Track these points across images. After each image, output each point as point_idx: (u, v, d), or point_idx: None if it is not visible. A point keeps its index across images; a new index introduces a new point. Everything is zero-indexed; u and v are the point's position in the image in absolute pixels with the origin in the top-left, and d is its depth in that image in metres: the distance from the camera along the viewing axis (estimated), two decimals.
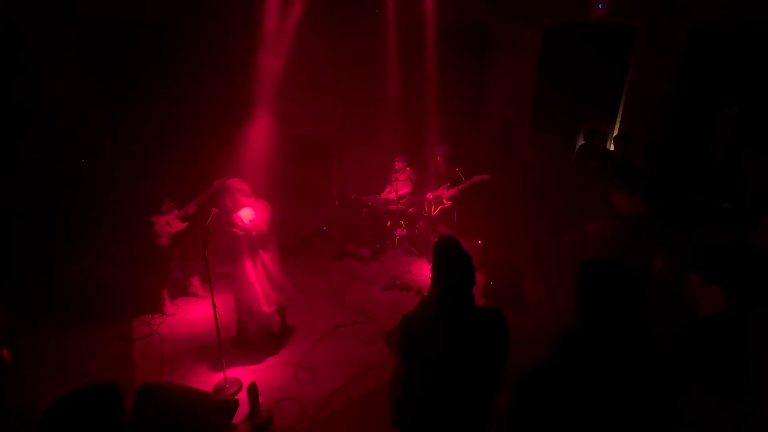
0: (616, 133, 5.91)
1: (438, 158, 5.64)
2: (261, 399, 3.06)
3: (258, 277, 3.46)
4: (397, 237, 5.89)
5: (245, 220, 3.27)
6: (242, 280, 3.42)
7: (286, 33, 5.79)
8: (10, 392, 2.93)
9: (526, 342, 2.27)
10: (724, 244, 2.04)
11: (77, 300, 4.37)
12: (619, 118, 6.10)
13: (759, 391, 1.51)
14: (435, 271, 1.74)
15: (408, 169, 5.97)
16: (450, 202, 5.47)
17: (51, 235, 4.62)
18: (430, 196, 5.70)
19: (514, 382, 1.38)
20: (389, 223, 6.08)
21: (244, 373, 3.44)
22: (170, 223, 4.22)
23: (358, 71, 6.41)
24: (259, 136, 5.84)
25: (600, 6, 5.48)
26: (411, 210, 6.02)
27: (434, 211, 5.63)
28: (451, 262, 1.70)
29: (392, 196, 5.76)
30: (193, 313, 4.39)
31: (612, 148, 5.77)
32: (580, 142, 6.00)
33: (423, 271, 5.34)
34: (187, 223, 4.29)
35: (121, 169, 5.07)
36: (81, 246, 4.59)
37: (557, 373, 1.32)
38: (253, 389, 2.98)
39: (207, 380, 3.37)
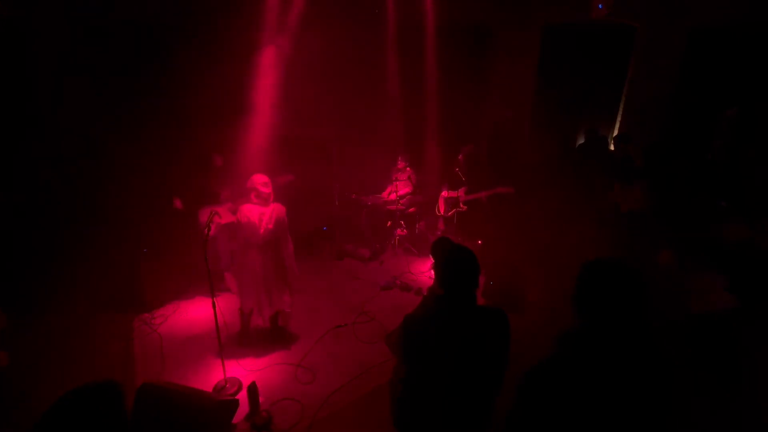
0: (616, 133, 5.91)
1: (459, 157, 5.60)
2: (261, 399, 3.06)
3: (257, 276, 3.50)
4: (397, 237, 5.89)
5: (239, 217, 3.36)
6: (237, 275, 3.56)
7: (286, 33, 5.79)
8: (9, 394, 2.93)
9: (526, 342, 2.27)
10: (728, 245, 2.04)
11: (77, 299, 4.37)
12: (619, 118, 6.09)
13: (759, 390, 1.51)
14: (439, 271, 1.74)
15: (408, 169, 5.97)
16: (466, 207, 5.45)
17: (51, 234, 4.62)
18: (445, 194, 5.68)
19: (516, 381, 1.38)
20: (389, 223, 6.08)
21: (244, 373, 3.44)
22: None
23: (359, 71, 6.41)
24: (259, 135, 5.84)
25: (600, 6, 5.48)
26: (411, 210, 6.02)
27: (449, 212, 5.61)
28: (456, 261, 1.70)
29: (392, 196, 5.76)
30: (193, 313, 4.39)
31: (612, 148, 5.78)
32: (580, 142, 6.00)
33: (423, 271, 5.34)
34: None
35: (123, 167, 5.08)
36: (82, 245, 4.59)
37: (559, 372, 1.33)
38: (253, 389, 2.98)
39: (207, 380, 3.37)
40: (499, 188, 5.12)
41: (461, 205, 5.48)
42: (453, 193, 5.59)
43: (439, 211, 5.84)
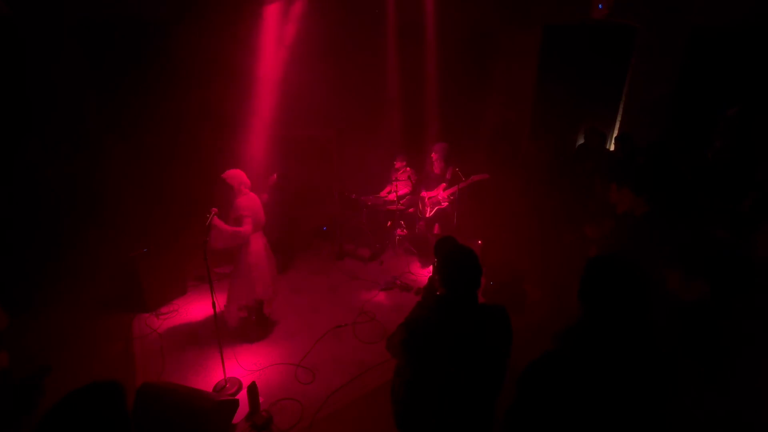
0: (616, 133, 5.91)
1: (432, 155, 5.56)
2: (261, 399, 3.07)
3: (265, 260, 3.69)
4: (397, 237, 5.89)
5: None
6: (251, 262, 3.59)
7: (287, 33, 5.79)
8: (8, 394, 2.93)
9: (526, 342, 2.27)
10: (709, 240, 2.05)
11: (77, 299, 4.38)
12: (619, 118, 6.10)
13: (753, 384, 1.51)
14: (442, 271, 1.73)
15: (408, 169, 5.96)
16: (447, 203, 5.42)
17: (51, 234, 4.62)
18: (424, 195, 5.66)
19: (517, 377, 1.38)
20: (389, 223, 6.08)
21: (244, 373, 3.44)
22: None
23: (359, 71, 6.42)
24: (259, 136, 5.84)
25: (600, 6, 5.47)
26: (411, 210, 6.02)
27: (430, 212, 5.57)
28: (458, 261, 1.70)
29: (392, 196, 5.75)
30: (193, 313, 4.39)
31: (612, 148, 5.77)
32: (580, 142, 6.00)
33: (423, 272, 5.34)
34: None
35: (123, 167, 5.08)
36: (82, 245, 4.59)
37: (560, 367, 1.33)
38: (253, 389, 2.98)
39: (207, 380, 3.37)
40: (474, 177, 5.09)
41: (442, 203, 5.45)
42: (432, 193, 5.56)
43: (419, 213, 5.79)
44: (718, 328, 1.57)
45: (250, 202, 3.50)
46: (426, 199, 5.60)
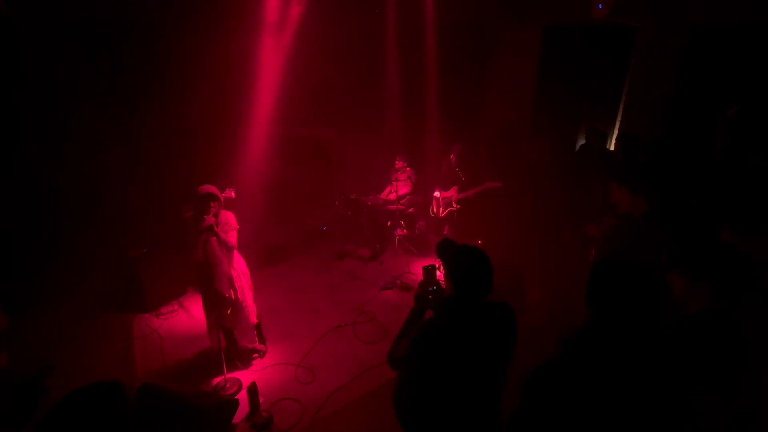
0: (616, 133, 5.91)
1: (451, 157, 5.65)
2: (261, 399, 3.07)
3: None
4: (397, 237, 5.89)
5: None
6: (241, 285, 3.40)
7: (286, 32, 5.79)
8: (8, 394, 2.93)
9: (526, 343, 2.27)
10: (710, 240, 2.04)
11: (77, 299, 4.37)
12: (619, 118, 6.09)
13: (758, 388, 1.51)
14: (455, 273, 1.68)
15: (408, 169, 5.96)
16: (459, 206, 5.48)
17: (52, 235, 4.61)
18: (438, 194, 5.70)
19: (517, 383, 1.38)
20: (389, 223, 6.08)
21: (244, 373, 3.44)
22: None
23: (358, 71, 6.41)
24: (259, 136, 5.83)
25: (600, 6, 5.47)
26: (411, 210, 6.02)
27: (443, 213, 5.63)
28: (473, 263, 1.66)
29: (392, 196, 5.76)
30: (193, 313, 4.39)
31: (612, 148, 5.77)
32: (581, 142, 5.99)
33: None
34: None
35: (122, 167, 5.07)
36: (82, 246, 4.58)
37: (567, 373, 1.31)
38: (253, 389, 2.99)
39: (207, 380, 3.37)
40: (488, 183, 5.20)
41: (454, 204, 5.50)
42: (446, 193, 5.62)
43: (432, 212, 5.86)
44: (720, 329, 1.57)
45: (234, 217, 3.26)
46: (441, 200, 5.65)
